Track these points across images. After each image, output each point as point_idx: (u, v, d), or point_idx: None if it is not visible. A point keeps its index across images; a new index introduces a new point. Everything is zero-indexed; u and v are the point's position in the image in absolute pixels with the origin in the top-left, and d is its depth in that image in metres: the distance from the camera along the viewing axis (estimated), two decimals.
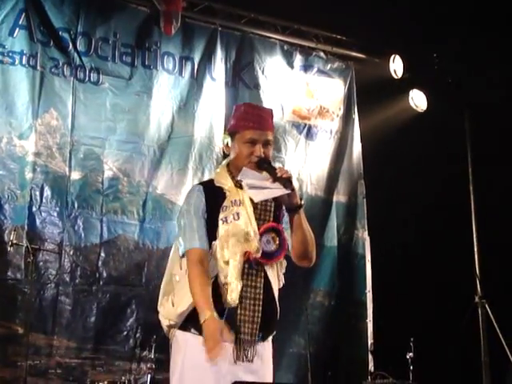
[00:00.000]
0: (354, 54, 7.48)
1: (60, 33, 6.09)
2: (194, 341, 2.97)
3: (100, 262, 5.94)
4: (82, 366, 5.70)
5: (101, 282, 5.91)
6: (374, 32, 7.07)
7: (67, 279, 5.79)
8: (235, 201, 3.09)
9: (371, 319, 7.08)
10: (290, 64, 7.19)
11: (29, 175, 5.78)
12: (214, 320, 2.90)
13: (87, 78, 6.13)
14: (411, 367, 5.93)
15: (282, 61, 7.16)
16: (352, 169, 7.40)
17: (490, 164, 7.08)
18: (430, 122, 7.17)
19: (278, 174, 2.98)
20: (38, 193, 5.79)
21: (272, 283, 3.11)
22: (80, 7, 6.19)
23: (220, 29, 6.84)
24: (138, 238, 6.12)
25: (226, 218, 3.05)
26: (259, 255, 3.03)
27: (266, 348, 3.12)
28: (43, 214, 5.78)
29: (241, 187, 3.09)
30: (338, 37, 7.35)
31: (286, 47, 7.20)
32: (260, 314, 3.03)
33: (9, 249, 5.36)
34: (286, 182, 2.98)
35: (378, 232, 7.14)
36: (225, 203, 3.08)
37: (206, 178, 6.46)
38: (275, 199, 3.12)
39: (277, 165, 3.19)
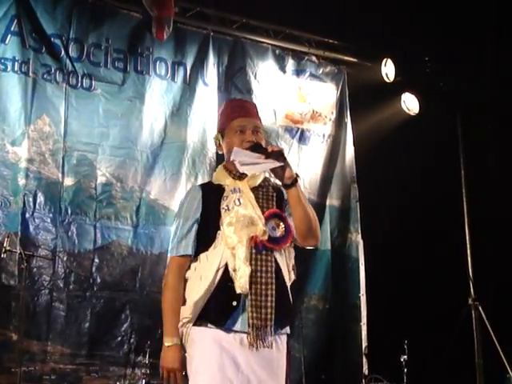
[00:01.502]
0: (346, 58, 7.51)
1: (52, 39, 6.09)
2: (210, 334, 2.92)
3: (94, 268, 5.93)
4: (77, 371, 5.70)
5: (95, 288, 5.91)
6: (365, 36, 7.10)
7: (61, 285, 5.79)
8: (234, 189, 3.07)
9: (365, 322, 7.10)
10: (283, 68, 7.21)
11: (22, 181, 5.77)
12: (175, 349, 2.94)
13: (79, 84, 6.13)
14: (405, 370, 5.95)
15: (275, 65, 7.18)
16: (345, 172, 7.41)
17: (482, 167, 7.12)
18: (422, 126, 7.19)
19: (269, 149, 2.95)
20: (31, 199, 5.78)
21: (283, 271, 3.04)
22: (72, 13, 6.19)
23: (212, 34, 6.86)
24: (131, 243, 6.12)
25: (227, 206, 3.02)
26: (266, 238, 2.99)
27: (282, 340, 3.04)
28: (36, 220, 5.77)
29: (239, 179, 3.08)
30: (330, 41, 7.37)
31: (278, 52, 7.22)
32: (274, 299, 2.95)
33: (2, 255, 5.32)
34: (278, 155, 2.95)
35: (372, 235, 7.15)
36: (225, 194, 3.06)
37: (200, 182, 6.45)
38: (276, 189, 3.12)
39: None
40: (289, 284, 3.07)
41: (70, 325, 5.76)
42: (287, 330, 3.07)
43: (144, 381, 5.36)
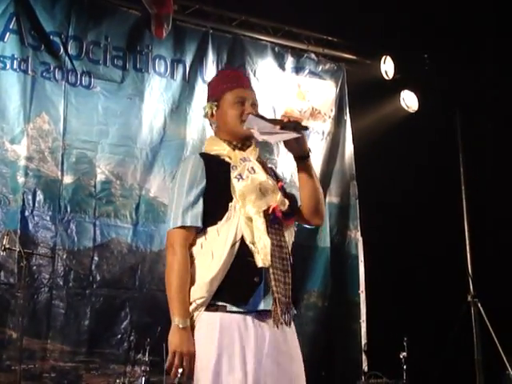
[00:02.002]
0: (345, 55, 7.51)
1: (51, 37, 6.08)
2: (230, 318, 2.70)
3: (93, 266, 5.92)
4: (77, 369, 5.69)
5: (94, 286, 5.90)
6: (364, 33, 7.09)
7: (61, 283, 5.78)
8: (244, 158, 2.88)
9: (364, 319, 7.10)
10: (282, 66, 7.21)
11: (21, 179, 5.77)
12: (189, 331, 2.71)
13: (79, 82, 6.12)
14: (404, 367, 5.96)
15: (274, 63, 7.18)
16: (344, 170, 7.42)
17: (481, 164, 7.12)
18: (422, 123, 7.19)
19: (285, 120, 2.79)
20: (30, 197, 5.77)
21: (288, 248, 2.87)
22: (71, 11, 6.18)
23: (211, 31, 6.85)
24: (131, 241, 6.11)
25: (240, 174, 2.82)
26: (285, 208, 2.83)
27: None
28: (36, 218, 5.77)
29: (240, 149, 2.90)
30: (329, 38, 7.38)
31: (277, 49, 7.22)
32: (290, 275, 2.79)
33: (1, 253, 5.34)
34: (297, 125, 2.79)
35: (371, 232, 7.16)
36: (233, 163, 2.85)
37: None
38: (270, 167, 3.02)
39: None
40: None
41: (70, 322, 5.75)
42: (294, 310, 2.90)
43: (144, 378, 5.35)
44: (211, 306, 2.72)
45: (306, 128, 2.82)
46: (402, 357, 5.97)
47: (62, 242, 5.84)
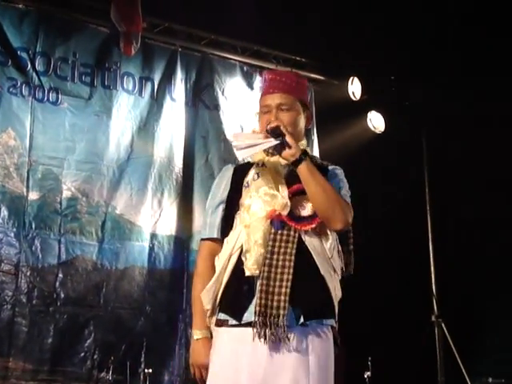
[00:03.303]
0: (313, 75, 7.54)
1: (18, 52, 6.03)
2: (230, 334, 2.63)
3: (58, 283, 5.86)
4: None
5: (58, 303, 5.84)
6: (332, 54, 7.16)
7: (24, 300, 5.70)
8: (257, 164, 2.82)
9: None
10: (250, 85, 7.23)
11: None
12: (204, 342, 2.70)
13: (46, 98, 6.09)
14: None
15: (242, 82, 7.20)
16: None
17: (447, 185, 7.19)
18: (388, 144, 7.26)
19: (267, 128, 2.70)
20: None
21: (314, 255, 2.68)
22: (39, 27, 6.14)
23: (180, 50, 6.86)
24: (96, 258, 6.06)
25: (247, 182, 2.79)
26: (285, 212, 2.67)
27: (318, 334, 2.63)
28: (0, 234, 5.72)
29: (272, 155, 2.78)
30: (298, 58, 7.41)
31: (245, 68, 7.25)
32: (289, 284, 2.58)
33: None
34: (274, 132, 2.69)
35: None
36: (249, 171, 2.83)
37: (166, 198, 6.49)
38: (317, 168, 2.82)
39: None
40: (328, 272, 2.70)
41: (33, 340, 5.67)
42: (328, 322, 2.70)
43: None
44: (218, 320, 2.70)
45: (280, 133, 2.69)
46: (366, 376, 5.99)
47: (26, 258, 5.77)
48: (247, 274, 2.62)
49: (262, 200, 2.71)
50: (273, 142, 2.69)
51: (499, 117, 6.88)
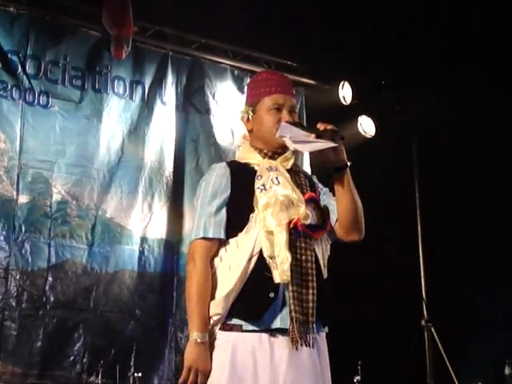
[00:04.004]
0: (304, 79, 7.56)
1: (9, 55, 6.02)
2: (244, 339, 2.57)
3: (47, 287, 5.84)
4: None
5: (48, 307, 5.82)
6: (323, 58, 7.17)
7: (13, 304, 5.68)
8: (270, 167, 2.73)
9: None
10: (241, 89, 7.23)
11: None
12: (206, 346, 2.58)
13: (36, 102, 6.07)
14: None
15: (233, 86, 7.21)
16: None
17: (437, 190, 7.21)
18: (378, 148, 7.27)
19: (321, 128, 2.62)
20: None
21: (320, 262, 2.73)
22: (30, 30, 6.13)
23: (171, 53, 6.86)
24: (86, 262, 6.05)
25: (263, 185, 2.68)
26: (308, 222, 2.66)
27: (322, 340, 2.73)
28: None
29: (271, 158, 2.77)
30: (288, 63, 7.42)
31: (236, 72, 7.26)
32: (315, 292, 2.62)
33: None
34: (333, 133, 2.62)
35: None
36: (258, 173, 2.72)
37: (156, 201, 6.47)
38: (307, 177, 2.88)
39: None
40: (327, 281, 2.76)
41: (22, 344, 5.65)
42: (326, 328, 2.78)
43: None
44: (226, 324, 2.61)
45: (343, 137, 2.65)
46: (356, 381, 5.99)
47: (16, 262, 5.75)
48: (277, 280, 2.57)
49: (285, 206, 2.66)
50: (330, 144, 2.62)
51: (489, 120, 6.91)
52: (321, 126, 2.65)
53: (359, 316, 6.77)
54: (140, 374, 5.62)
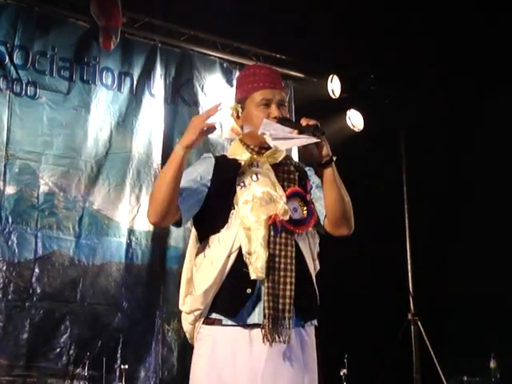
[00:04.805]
0: (293, 73, 7.55)
1: None
2: (224, 333, 2.62)
3: (34, 278, 5.82)
4: (14, 383, 5.60)
5: (34, 298, 5.79)
6: (312, 52, 7.17)
7: None
8: (252, 164, 2.76)
9: None
10: (230, 82, 7.21)
11: None
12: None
13: (24, 92, 6.04)
14: None
15: (222, 78, 7.19)
16: None
17: (425, 184, 7.24)
18: (367, 142, 7.28)
19: (304, 123, 2.64)
20: None
21: (306, 258, 2.74)
22: (17, 20, 6.07)
23: (160, 45, 6.83)
24: (73, 253, 6.02)
25: (243, 182, 2.71)
26: (287, 218, 2.67)
27: (308, 334, 2.74)
28: None
29: (258, 154, 2.79)
30: (277, 56, 7.41)
31: (225, 65, 7.24)
32: (293, 287, 2.63)
33: None
34: (315, 129, 2.63)
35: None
36: (241, 169, 2.74)
37: (144, 194, 6.45)
38: (299, 169, 2.86)
39: None
40: (313, 273, 2.79)
41: (8, 335, 5.63)
42: (314, 322, 2.80)
43: None
44: (209, 318, 2.67)
45: (323, 133, 2.67)
46: (342, 374, 6.01)
47: (3, 253, 5.72)
48: (253, 277, 2.59)
49: (264, 203, 2.68)
50: (312, 139, 2.63)
51: (478, 116, 6.93)
52: (304, 122, 2.66)
53: (346, 309, 6.78)
54: (127, 366, 5.61)
